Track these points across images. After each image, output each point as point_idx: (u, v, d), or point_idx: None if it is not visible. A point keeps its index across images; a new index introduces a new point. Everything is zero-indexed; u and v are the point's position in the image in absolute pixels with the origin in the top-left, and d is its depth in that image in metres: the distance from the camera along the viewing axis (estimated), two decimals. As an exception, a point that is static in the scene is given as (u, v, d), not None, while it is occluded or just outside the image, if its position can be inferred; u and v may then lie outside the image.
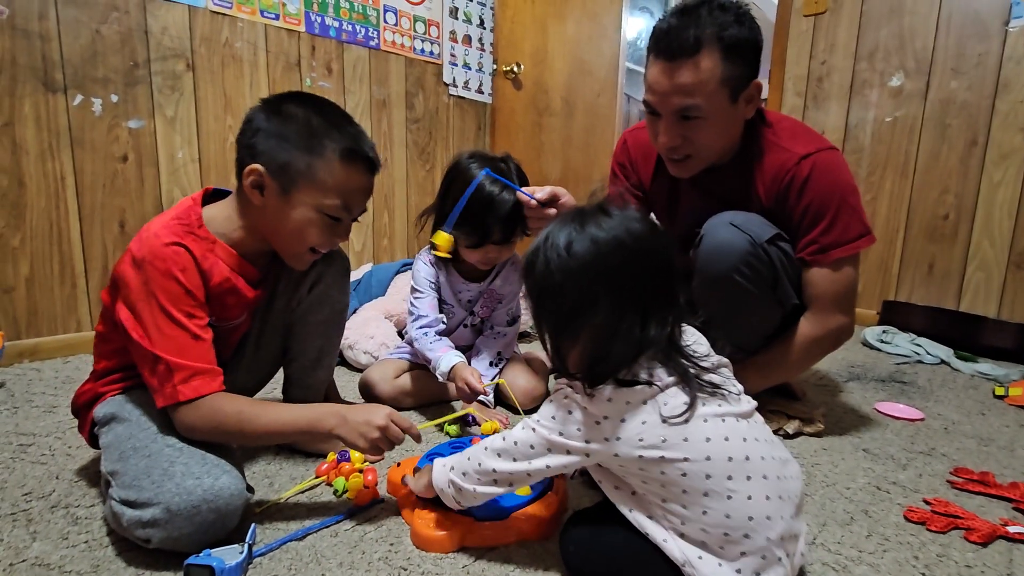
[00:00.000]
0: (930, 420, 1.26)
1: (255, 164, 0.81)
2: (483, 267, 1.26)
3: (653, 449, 0.59)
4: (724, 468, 0.58)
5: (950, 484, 0.96)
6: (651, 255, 0.63)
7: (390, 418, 0.79)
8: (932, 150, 1.99)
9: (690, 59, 0.95)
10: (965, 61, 1.91)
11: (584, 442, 0.62)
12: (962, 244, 1.95)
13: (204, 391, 0.75)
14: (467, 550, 0.74)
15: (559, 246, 0.63)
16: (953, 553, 0.77)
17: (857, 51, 2.13)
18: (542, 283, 0.64)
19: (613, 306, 0.61)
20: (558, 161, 2.79)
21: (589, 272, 0.61)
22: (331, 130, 0.83)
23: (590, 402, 0.61)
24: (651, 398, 0.60)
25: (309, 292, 0.99)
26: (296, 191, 0.83)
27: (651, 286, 0.62)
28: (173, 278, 0.76)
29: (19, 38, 1.45)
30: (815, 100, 2.25)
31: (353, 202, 0.87)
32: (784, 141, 1.07)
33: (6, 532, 0.76)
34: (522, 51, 2.64)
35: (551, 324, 0.65)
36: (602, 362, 0.61)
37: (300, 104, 0.84)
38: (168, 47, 1.70)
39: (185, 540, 0.68)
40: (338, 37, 2.11)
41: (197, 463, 0.72)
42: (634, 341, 0.61)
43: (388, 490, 0.86)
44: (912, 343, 1.84)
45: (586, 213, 0.64)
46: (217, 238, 0.84)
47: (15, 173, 1.48)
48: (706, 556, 0.58)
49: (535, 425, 0.65)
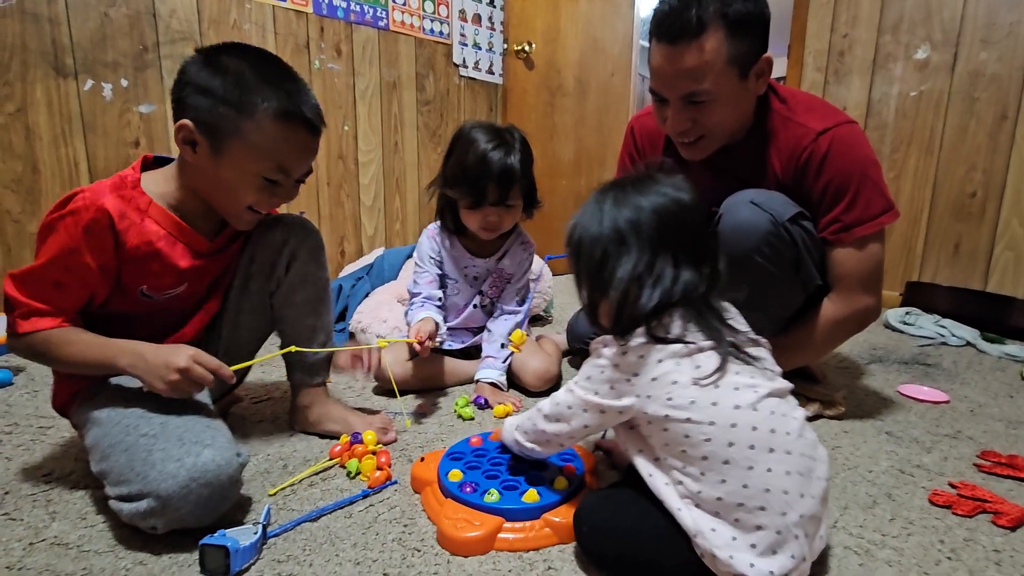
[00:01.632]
0: (955, 403, 1.23)
1: (184, 119, 0.78)
2: (485, 235, 1.23)
3: (681, 410, 0.59)
4: (748, 437, 0.57)
5: (977, 467, 0.93)
6: (690, 213, 0.66)
7: (194, 359, 0.74)
8: (959, 125, 1.92)
9: (694, 41, 0.91)
10: (996, 31, 1.83)
11: (616, 399, 0.63)
12: (990, 223, 1.88)
13: (38, 327, 0.76)
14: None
15: (604, 206, 0.67)
16: (981, 537, 0.75)
17: (881, 23, 2.06)
18: (583, 240, 0.68)
19: (644, 250, 0.64)
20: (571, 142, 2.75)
21: (625, 228, 0.65)
22: (265, 87, 0.78)
23: (622, 358, 0.62)
24: (684, 357, 0.61)
25: (287, 272, 0.97)
26: (227, 150, 0.79)
27: (684, 236, 0.65)
28: (76, 232, 0.75)
29: (29, 22, 1.45)
30: (836, 75, 2.18)
31: (290, 164, 0.83)
32: (800, 116, 1.03)
33: (26, 512, 0.77)
34: (534, 30, 2.59)
35: (586, 275, 0.68)
36: (633, 305, 0.62)
37: (236, 56, 0.79)
38: (177, 30, 1.69)
39: (190, 519, 0.68)
40: (346, 18, 2.08)
41: (175, 445, 0.70)
42: (666, 284, 0.62)
43: (412, 487, 0.84)
44: (936, 325, 1.79)
45: (630, 181, 0.68)
46: (153, 199, 0.82)
47: (29, 159, 1.48)
48: (720, 528, 0.57)
49: (573, 386, 0.68)
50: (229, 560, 0.64)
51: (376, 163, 2.29)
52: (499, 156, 1.14)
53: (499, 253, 1.31)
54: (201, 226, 0.87)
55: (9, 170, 1.46)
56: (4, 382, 1.25)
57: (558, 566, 0.68)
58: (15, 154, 1.46)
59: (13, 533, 0.72)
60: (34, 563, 0.67)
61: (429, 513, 0.77)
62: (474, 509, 0.73)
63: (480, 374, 1.22)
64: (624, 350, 0.62)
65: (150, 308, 0.86)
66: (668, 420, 0.60)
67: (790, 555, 0.56)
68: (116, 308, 0.84)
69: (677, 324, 0.63)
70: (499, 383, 1.21)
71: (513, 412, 1.13)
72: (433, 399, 1.21)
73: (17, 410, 1.12)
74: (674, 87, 0.96)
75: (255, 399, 1.18)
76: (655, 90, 1.00)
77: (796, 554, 0.57)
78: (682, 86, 0.95)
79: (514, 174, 1.15)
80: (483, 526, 0.70)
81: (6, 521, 0.75)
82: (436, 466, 0.82)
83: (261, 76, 0.79)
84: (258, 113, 0.78)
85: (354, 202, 2.24)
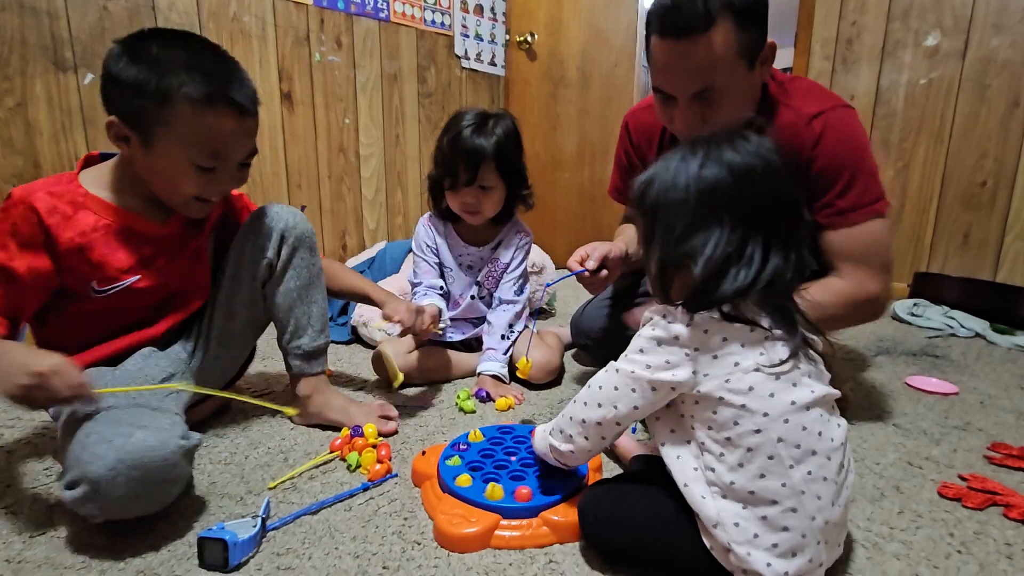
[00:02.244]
0: (965, 394, 1.21)
1: (111, 116, 0.78)
2: (469, 219, 1.24)
3: (737, 395, 0.56)
4: (796, 436, 0.56)
5: (987, 459, 0.92)
6: (784, 185, 0.59)
7: (56, 369, 0.65)
8: (970, 113, 1.89)
9: (703, 35, 0.85)
10: (1008, 16, 1.79)
11: (671, 375, 0.58)
12: (1000, 212, 1.85)
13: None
14: (482, 525, 0.73)
15: (690, 165, 0.59)
16: (991, 530, 0.73)
17: (890, 9, 2.02)
18: (663, 199, 0.61)
19: (736, 227, 0.57)
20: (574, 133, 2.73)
21: (716, 192, 0.58)
22: (183, 72, 0.75)
23: (686, 331, 0.57)
24: (751, 343, 0.57)
25: (278, 258, 0.95)
26: (156, 141, 0.78)
27: (777, 215, 0.58)
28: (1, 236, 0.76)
29: (27, 16, 1.44)
30: (844, 63, 2.14)
31: (224, 149, 0.81)
32: (794, 100, 0.99)
33: (26, 506, 0.77)
34: (536, 20, 2.56)
35: (664, 242, 0.61)
36: (716, 284, 0.57)
37: (153, 43, 0.77)
38: (176, 23, 1.68)
39: (126, 506, 0.66)
40: (347, 9, 2.07)
41: (110, 427, 0.67)
42: (755, 268, 0.57)
43: (413, 480, 0.84)
44: (945, 316, 1.77)
45: (722, 136, 0.61)
46: (90, 192, 0.81)
47: (30, 154, 1.48)
48: (744, 523, 0.55)
49: (619, 364, 0.62)
50: (228, 553, 0.63)
51: (377, 156, 2.27)
52: (469, 136, 1.16)
53: (494, 242, 1.31)
54: (147, 211, 0.86)
55: (10, 165, 1.45)
56: (7, 376, 1.25)
57: (559, 559, 0.67)
58: (15, 149, 1.46)
59: (14, 526, 0.72)
60: (33, 556, 0.66)
61: (427, 508, 0.76)
62: (471, 505, 0.72)
63: (482, 367, 1.22)
64: (688, 321, 0.58)
65: (109, 305, 0.85)
66: (721, 403, 0.56)
67: (808, 559, 0.55)
68: (74, 309, 0.84)
69: (749, 310, 0.58)
70: (501, 375, 1.21)
71: (515, 405, 1.12)
72: (434, 392, 1.20)
73: (20, 404, 1.12)
74: (684, 84, 0.90)
75: (256, 392, 1.18)
76: (660, 88, 0.94)
77: (814, 558, 0.56)
78: (693, 83, 0.89)
79: (482, 154, 1.16)
80: (479, 523, 0.69)
81: (6, 514, 0.75)
82: (436, 460, 0.81)
83: (180, 61, 0.76)
84: (178, 100, 0.76)
85: (356, 195, 2.23)
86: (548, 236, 2.63)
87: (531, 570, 0.65)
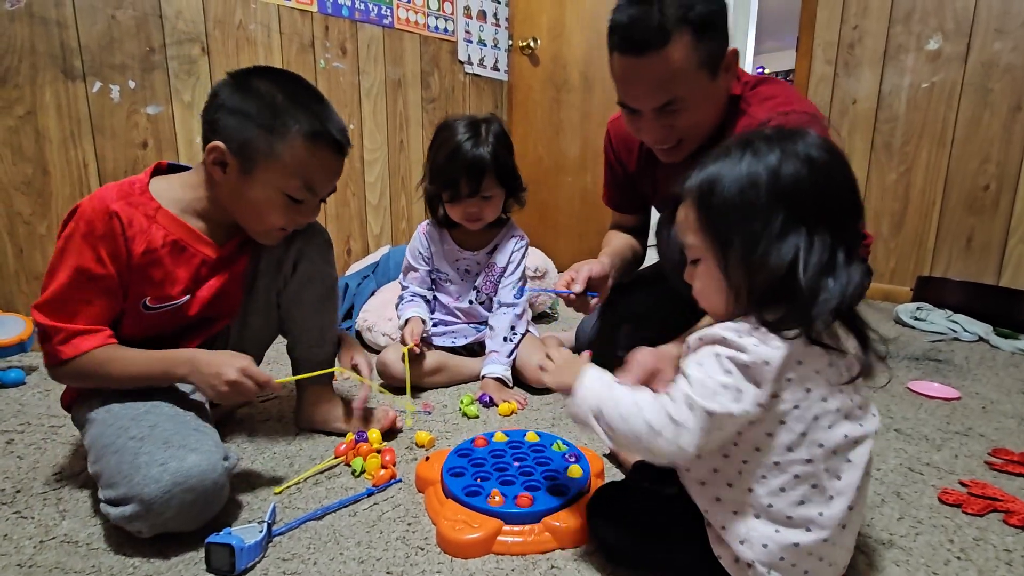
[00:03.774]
0: (967, 399, 1.21)
1: (216, 141, 0.80)
2: (470, 225, 1.27)
3: (801, 423, 0.52)
4: (841, 469, 0.54)
5: (988, 465, 0.92)
6: (852, 184, 0.55)
7: (244, 372, 0.76)
8: (972, 117, 1.89)
9: (661, 50, 0.85)
10: (1010, 20, 1.79)
11: (743, 411, 0.51)
12: (1003, 216, 1.85)
13: (82, 348, 0.77)
14: (484, 530, 0.74)
15: (766, 160, 0.53)
16: (991, 537, 0.74)
17: (892, 13, 2.02)
18: (738, 200, 0.53)
19: (823, 232, 0.51)
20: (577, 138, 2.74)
21: (799, 191, 0.52)
22: (296, 109, 0.81)
23: (778, 355, 0.51)
24: (825, 368, 0.53)
25: (294, 271, 0.97)
26: (257, 170, 0.81)
27: (852, 218, 0.54)
28: (90, 242, 0.77)
29: (37, 25, 1.46)
30: (846, 67, 2.15)
31: (317, 183, 0.85)
32: (752, 107, 0.98)
33: (37, 510, 0.78)
34: (539, 25, 2.58)
35: (748, 250, 0.53)
36: (812, 301, 0.50)
37: (266, 80, 0.82)
38: (183, 31, 1.70)
39: (174, 524, 0.68)
40: (351, 16, 2.08)
41: (160, 449, 0.70)
42: (845, 278, 0.51)
43: (416, 486, 0.84)
44: (948, 320, 1.77)
45: (785, 133, 0.55)
46: (162, 205, 0.83)
47: (39, 161, 1.50)
48: (773, 545, 0.53)
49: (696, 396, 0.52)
50: (234, 558, 0.64)
51: (381, 161, 2.29)
52: (469, 149, 1.17)
53: (489, 246, 1.33)
54: (212, 232, 0.88)
55: (20, 172, 1.47)
56: (17, 381, 1.27)
57: (561, 564, 0.67)
58: (25, 157, 1.48)
59: (24, 531, 0.73)
60: (44, 560, 0.68)
61: (430, 513, 0.77)
62: (473, 511, 0.73)
63: (486, 369, 1.23)
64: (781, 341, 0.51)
65: (152, 321, 0.86)
66: (782, 427, 0.52)
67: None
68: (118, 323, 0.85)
69: (834, 326, 0.54)
70: (504, 378, 1.21)
71: (518, 410, 1.13)
72: (437, 397, 1.21)
73: (29, 409, 1.14)
74: (647, 99, 0.91)
75: (262, 397, 1.19)
76: (625, 103, 0.94)
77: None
78: (655, 98, 0.90)
79: (484, 166, 1.18)
80: (481, 528, 0.70)
81: (17, 519, 0.76)
82: (440, 466, 0.82)
83: (291, 98, 0.81)
84: (290, 134, 0.80)
85: (360, 201, 2.24)
86: (551, 240, 2.64)
87: (532, 575, 0.66)
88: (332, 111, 0.85)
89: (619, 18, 0.88)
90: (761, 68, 5.39)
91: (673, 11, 0.84)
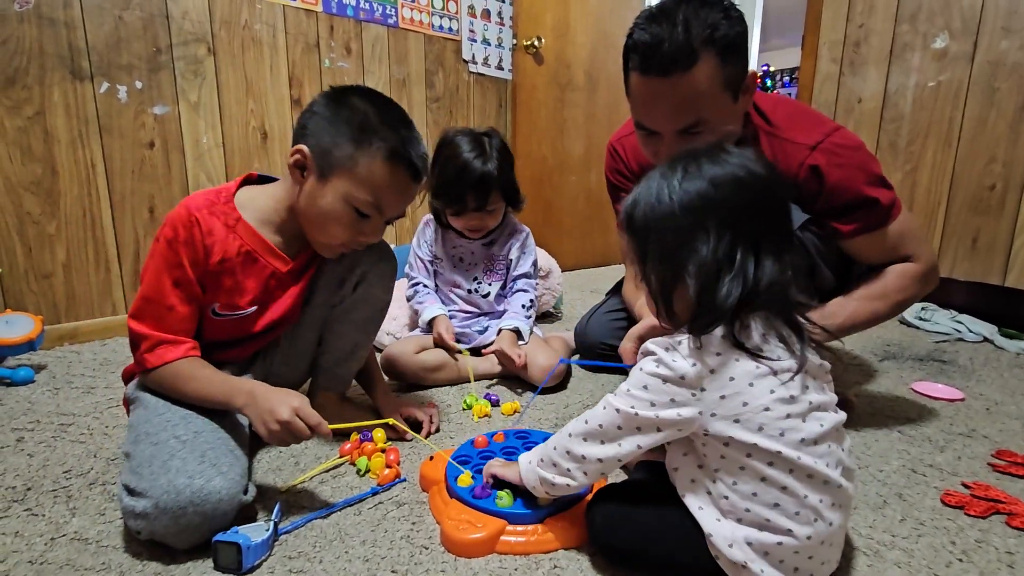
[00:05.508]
0: (971, 400, 1.21)
1: (301, 144, 0.82)
2: (472, 234, 1.33)
3: (749, 433, 0.55)
4: (809, 467, 0.55)
5: (991, 467, 0.92)
6: (768, 192, 0.60)
7: (297, 412, 0.74)
8: (979, 116, 1.88)
9: (687, 72, 0.84)
10: (1017, 19, 1.78)
11: (676, 413, 0.57)
12: (1009, 216, 1.84)
13: (166, 359, 0.80)
14: (488, 530, 0.74)
15: (673, 180, 0.60)
16: (993, 539, 0.74)
17: (898, 12, 2.01)
18: (650, 216, 0.61)
19: (723, 234, 0.57)
20: (581, 138, 2.74)
21: (700, 203, 0.58)
22: (383, 128, 0.83)
23: (691, 370, 0.56)
24: (760, 377, 0.56)
25: (353, 291, 0.99)
26: (333, 176, 0.83)
27: (766, 221, 0.58)
28: (174, 248, 0.80)
29: (45, 26, 1.48)
30: (852, 66, 2.14)
31: (386, 202, 0.86)
32: (786, 132, 0.99)
33: (47, 508, 0.79)
34: (543, 24, 2.58)
35: (657, 262, 0.61)
36: (711, 296, 0.56)
37: (363, 98, 0.85)
38: (189, 31, 1.71)
39: (170, 538, 0.68)
40: (356, 16, 2.09)
41: (195, 461, 0.70)
42: (747, 277, 0.56)
43: (421, 485, 0.85)
44: (953, 320, 1.76)
45: (701, 152, 0.62)
46: (243, 215, 0.85)
47: (48, 161, 1.51)
48: (758, 543, 0.56)
49: (619, 403, 0.60)
50: (241, 556, 0.65)
51: (386, 161, 2.30)
52: (478, 167, 1.21)
53: (487, 239, 1.39)
54: (286, 246, 0.90)
55: (29, 172, 1.49)
56: (27, 380, 1.29)
57: (564, 564, 0.68)
58: (34, 157, 1.49)
59: (35, 528, 0.74)
60: (55, 558, 0.69)
61: (434, 512, 0.78)
62: (477, 511, 0.73)
63: (503, 323, 1.30)
64: (696, 346, 0.56)
65: (217, 327, 0.88)
66: (732, 441, 0.56)
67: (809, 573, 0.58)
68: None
69: (757, 331, 0.57)
70: (522, 331, 1.28)
71: (520, 410, 1.14)
72: (440, 396, 1.22)
73: (39, 407, 1.15)
74: (670, 121, 0.89)
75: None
76: (643, 124, 0.93)
77: (824, 574, 0.59)
78: (679, 120, 0.88)
79: (491, 182, 1.23)
80: (485, 528, 0.70)
81: (28, 516, 0.77)
82: (444, 465, 0.83)
83: (381, 117, 0.83)
84: (371, 149, 0.82)
85: (365, 200, 2.25)
86: (555, 239, 2.64)
87: (535, 575, 0.67)
88: (418, 137, 0.86)
89: (641, 37, 0.85)
90: (766, 66, 5.37)
91: (699, 31, 0.83)
